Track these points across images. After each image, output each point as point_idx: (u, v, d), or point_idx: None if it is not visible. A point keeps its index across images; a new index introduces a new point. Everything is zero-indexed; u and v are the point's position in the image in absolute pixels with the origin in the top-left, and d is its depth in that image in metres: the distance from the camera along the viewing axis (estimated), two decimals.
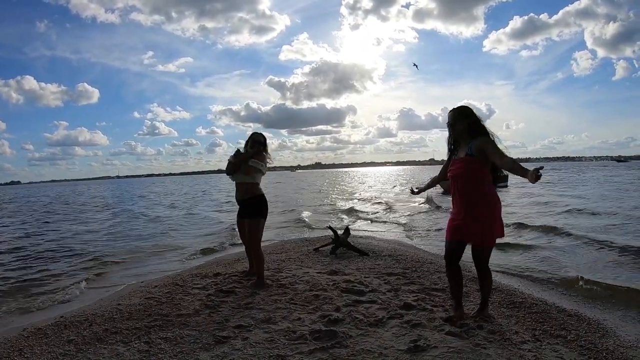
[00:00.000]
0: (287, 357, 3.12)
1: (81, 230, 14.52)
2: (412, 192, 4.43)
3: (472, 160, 3.52)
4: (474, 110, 3.70)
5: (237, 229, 5.62)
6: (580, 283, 5.38)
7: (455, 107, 3.73)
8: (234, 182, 5.23)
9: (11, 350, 3.47)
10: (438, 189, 28.92)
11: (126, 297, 4.95)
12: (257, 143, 5.17)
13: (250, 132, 5.32)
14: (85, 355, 3.29)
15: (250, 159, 5.05)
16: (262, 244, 5.21)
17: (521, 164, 3.16)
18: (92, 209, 26.04)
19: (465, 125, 3.61)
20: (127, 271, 7.64)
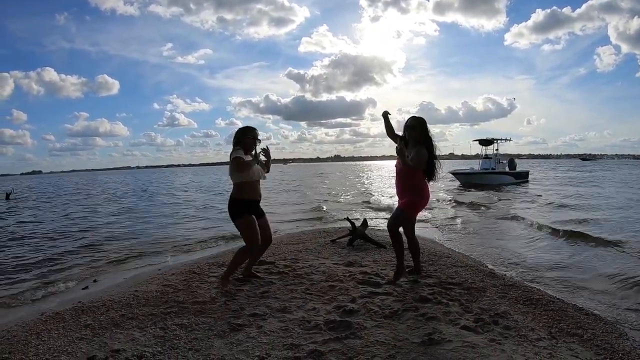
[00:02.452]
0: (301, 346, 3.13)
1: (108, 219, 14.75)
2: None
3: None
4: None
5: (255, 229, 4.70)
6: (599, 283, 5.32)
7: (418, 116, 4.66)
8: (251, 180, 4.64)
9: (29, 333, 3.54)
10: (456, 182, 28.79)
11: (143, 284, 5.02)
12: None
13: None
14: (101, 340, 3.34)
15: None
16: (279, 235, 5.19)
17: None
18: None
19: (420, 133, 4.57)
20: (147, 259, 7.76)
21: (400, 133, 4.79)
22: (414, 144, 4.58)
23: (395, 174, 4.81)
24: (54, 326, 3.69)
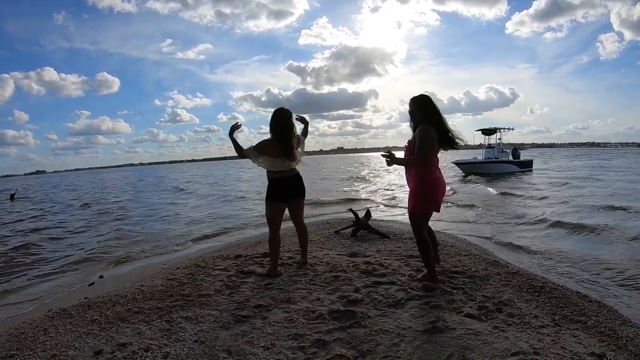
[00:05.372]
0: (306, 336, 3.15)
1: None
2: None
3: (412, 146, 4.07)
4: (433, 100, 4.14)
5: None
6: (603, 271, 5.34)
7: (416, 96, 4.16)
8: None
9: (36, 330, 3.60)
10: (459, 172, 28.75)
11: (149, 279, 5.05)
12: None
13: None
14: (108, 334, 3.38)
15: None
16: (282, 227, 5.13)
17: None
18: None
19: (422, 114, 4.08)
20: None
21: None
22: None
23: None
24: (61, 322, 3.74)
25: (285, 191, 4.73)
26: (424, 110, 4.09)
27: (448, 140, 4.13)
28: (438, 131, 4.05)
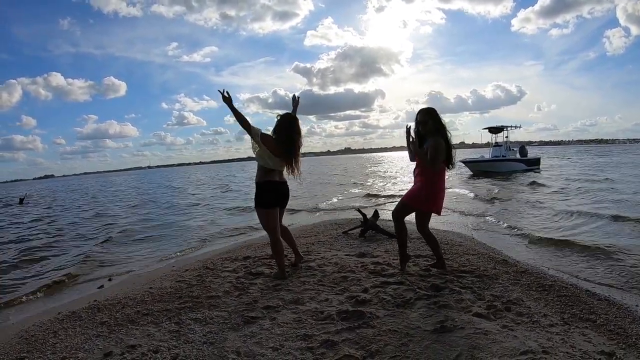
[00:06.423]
0: (315, 336, 3.16)
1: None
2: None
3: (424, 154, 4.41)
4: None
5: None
6: (612, 268, 5.30)
7: (426, 108, 4.53)
8: None
9: (46, 332, 3.62)
10: (467, 171, 28.66)
11: (158, 281, 5.08)
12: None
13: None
14: (117, 336, 3.40)
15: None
16: (291, 227, 5.11)
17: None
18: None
19: (433, 126, 4.43)
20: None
21: (412, 124, 4.65)
22: (430, 136, 4.45)
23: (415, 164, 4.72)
24: (71, 324, 3.77)
25: (279, 197, 4.69)
26: (435, 123, 4.45)
27: (449, 158, 4.51)
28: (446, 147, 4.42)
